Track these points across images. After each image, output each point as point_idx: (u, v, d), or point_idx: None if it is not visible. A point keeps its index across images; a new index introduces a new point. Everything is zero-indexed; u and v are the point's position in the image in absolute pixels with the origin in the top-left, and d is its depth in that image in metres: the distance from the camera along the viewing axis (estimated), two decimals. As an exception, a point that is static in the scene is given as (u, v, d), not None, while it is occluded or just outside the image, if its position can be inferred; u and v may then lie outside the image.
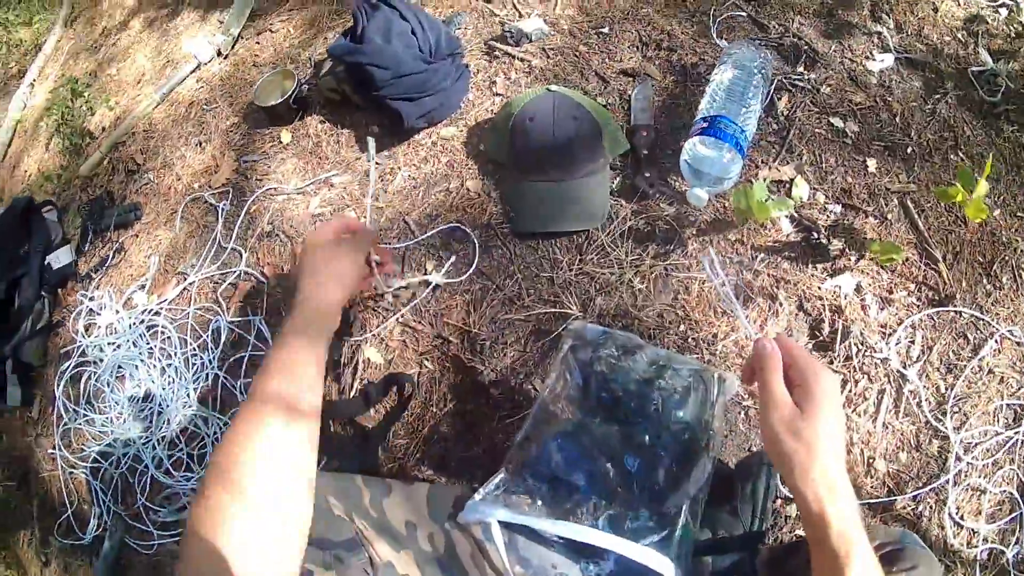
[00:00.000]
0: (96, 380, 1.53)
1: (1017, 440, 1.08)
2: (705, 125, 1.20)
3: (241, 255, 1.45)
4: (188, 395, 1.41)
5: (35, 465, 1.58)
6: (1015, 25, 1.46)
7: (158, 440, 1.41)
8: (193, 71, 1.83)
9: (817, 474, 0.61)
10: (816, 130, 1.32)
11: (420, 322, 1.25)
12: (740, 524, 0.97)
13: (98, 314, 1.60)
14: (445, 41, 1.43)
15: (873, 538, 0.77)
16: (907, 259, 1.20)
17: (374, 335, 1.26)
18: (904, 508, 1.06)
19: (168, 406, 1.42)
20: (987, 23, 1.47)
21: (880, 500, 1.06)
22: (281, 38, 1.76)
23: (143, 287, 1.57)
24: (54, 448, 1.51)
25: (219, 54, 1.82)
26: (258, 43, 1.79)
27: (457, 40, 1.47)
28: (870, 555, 0.61)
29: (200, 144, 1.67)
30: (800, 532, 1.03)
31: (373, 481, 0.92)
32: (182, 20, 2.04)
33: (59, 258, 1.73)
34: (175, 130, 1.74)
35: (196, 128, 1.71)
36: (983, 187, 1.11)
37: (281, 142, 1.55)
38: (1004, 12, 1.48)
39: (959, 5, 1.49)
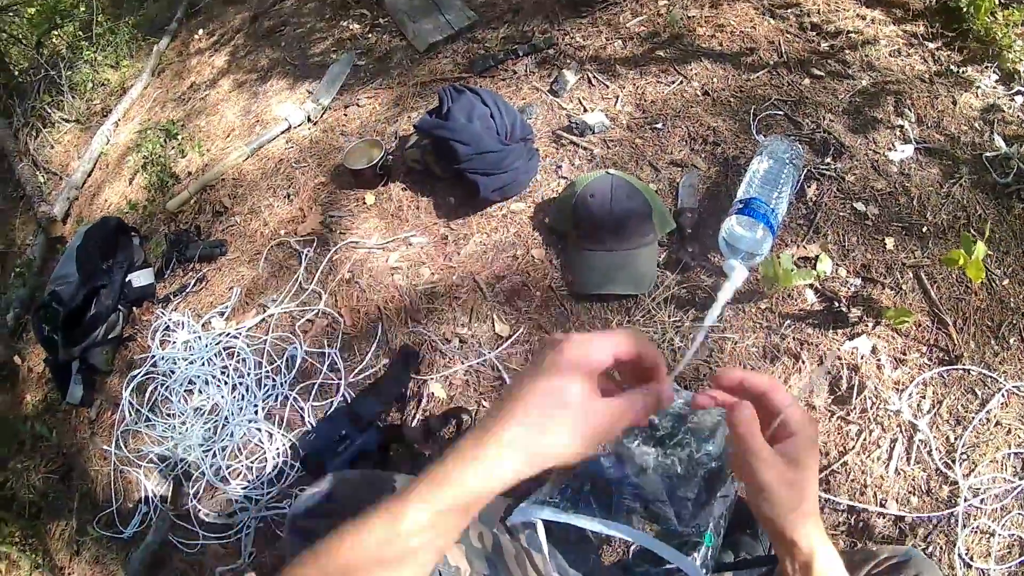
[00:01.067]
0: (165, 389, 1.69)
1: None
2: (741, 206, 1.40)
3: (320, 296, 1.65)
4: (256, 411, 1.57)
5: (83, 462, 1.71)
6: None
7: (219, 450, 1.55)
8: (283, 132, 2.08)
9: (807, 521, 0.60)
10: (840, 213, 1.49)
11: (483, 365, 1.44)
12: (760, 546, 1.11)
13: (175, 331, 1.78)
14: (520, 126, 1.67)
15: (880, 554, 0.86)
16: (919, 324, 1.33)
17: (439, 373, 1.45)
18: (915, 548, 1.11)
19: (234, 419, 1.57)
20: (1003, 111, 1.60)
21: (892, 539, 1.15)
22: (367, 112, 2.02)
23: (222, 314, 1.76)
24: (109, 447, 1.65)
25: (309, 119, 2.08)
26: (346, 114, 2.05)
27: (530, 127, 1.72)
28: None
29: (288, 196, 1.90)
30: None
31: None
32: (271, 86, 2.31)
33: (140, 278, 1.91)
34: (264, 182, 1.97)
35: (285, 182, 1.94)
36: (981, 249, 1.19)
37: (365, 203, 1.78)
38: (1020, 99, 1.63)
39: (976, 96, 1.63)
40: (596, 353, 0.54)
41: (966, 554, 1.13)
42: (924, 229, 1.46)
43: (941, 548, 1.15)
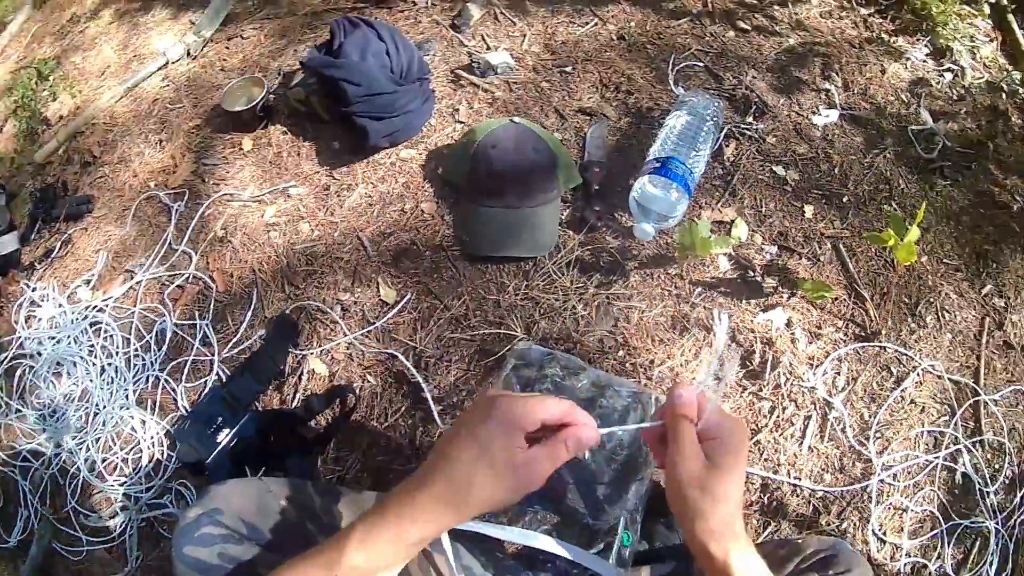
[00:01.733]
0: (32, 375, 1.45)
1: (937, 464, 1.13)
2: (657, 165, 1.23)
3: (191, 258, 1.41)
4: (127, 396, 1.35)
5: (-42, 459, 1.48)
6: (958, 88, 1.55)
7: (92, 441, 1.33)
8: (160, 68, 1.78)
9: (721, 525, 0.58)
10: (759, 176, 1.36)
11: (367, 336, 1.23)
12: (676, 536, 0.99)
13: (39, 306, 1.52)
14: (417, 65, 1.43)
15: (807, 547, 0.79)
16: (836, 298, 1.24)
17: (320, 347, 1.24)
18: (829, 525, 1.08)
19: (105, 407, 1.35)
20: (931, 86, 1.54)
21: (806, 516, 1.08)
22: (251, 45, 1.73)
23: (88, 282, 1.51)
24: (-18, 444, 1.42)
25: (188, 54, 1.78)
26: (228, 48, 1.75)
27: (427, 65, 1.47)
28: None
29: (160, 142, 1.62)
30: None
31: (321, 487, 0.90)
32: (153, 16, 1.99)
33: (3, 244, 1.63)
34: (136, 126, 1.69)
35: (158, 126, 1.66)
36: (915, 232, 1.13)
37: (242, 149, 1.52)
38: (949, 76, 1.57)
39: (906, 68, 1.55)
40: (524, 417, 0.56)
41: (879, 530, 1.09)
42: (845, 199, 1.34)
43: (855, 525, 1.08)
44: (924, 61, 1.59)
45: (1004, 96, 1.55)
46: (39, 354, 1.46)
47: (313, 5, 1.77)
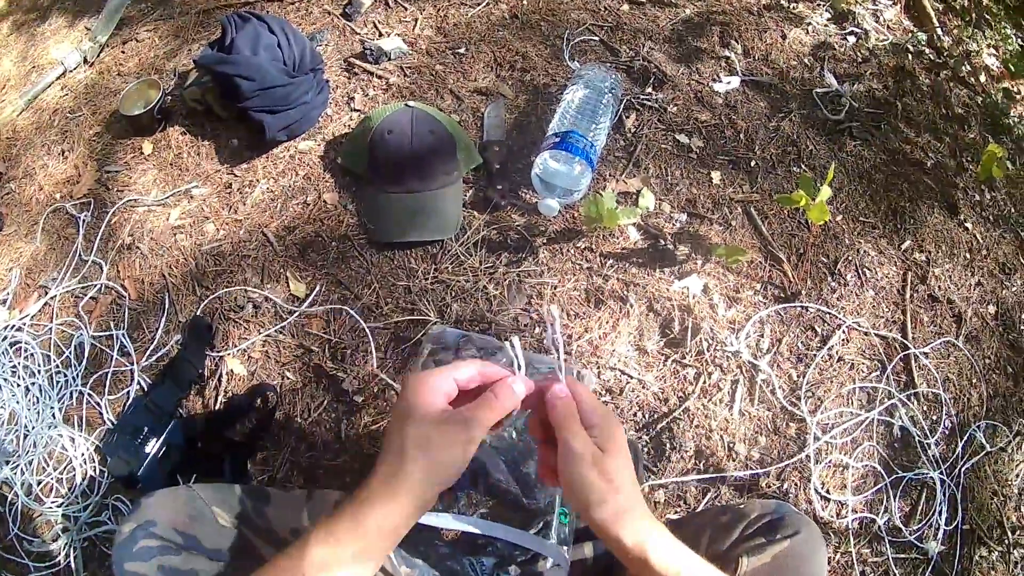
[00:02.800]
0: (-41, 402, 1.30)
1: (873, 419, 1.07)
2: (557, 140, 1.14)
3: (102, 268, 1.27)
4: (53, 415, 1.22)
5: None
6: (862, 51, 1.46)
7: (26, 464, 1.20)
8: (59, 78, 1.59)
9: (624, 509, 0.53)
10: (662, 146, 1.27)
11: (281, 332, 1.12)
12: None
13: (-42, 330, 1.36)
14: (309, 56, 1.31)
15: (751, 512, 0.73)
16: (752, 261, 1.17)
17: (236, 347, 1.12)
18: (769, 487, 1.02)
19: (33, 428, 1.22)
20: (834, 49, 1.45)
21: (744, 479, 1.02)
22: (147, 47, 1.55)
23: (4, 302, 1.35)
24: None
25: (85, 61, 1.59)
26: (124, 52, 1.57)
27: (320, 55, 1.34)
28: (702, 567, 0.54)
29: (63, 153, 1.45)
30: (671, 516, 0.99)
31: (250, 490, 0.82)
32: (50, 25, 1.77)
33: (-84, 271, 1.46)
34: (38, 138, 1.51)
35: (59, 136, 1.48)
36: (826, 192, 1.04)
37: (143, 153, 1.37)
38: (852, 39, 1.48)
39: (807, 33, 1.46)
40: (438, 379, 0.54)
41: (822, 488, 1.02)
42: (752, 163, 1.25)
43: (796, 484, 1.01)
44: (825, 26, 1.48)
45: (910, 57, 1.47)
46: (-37, 380, 1.31)
47: (204, 3, 1.59)
